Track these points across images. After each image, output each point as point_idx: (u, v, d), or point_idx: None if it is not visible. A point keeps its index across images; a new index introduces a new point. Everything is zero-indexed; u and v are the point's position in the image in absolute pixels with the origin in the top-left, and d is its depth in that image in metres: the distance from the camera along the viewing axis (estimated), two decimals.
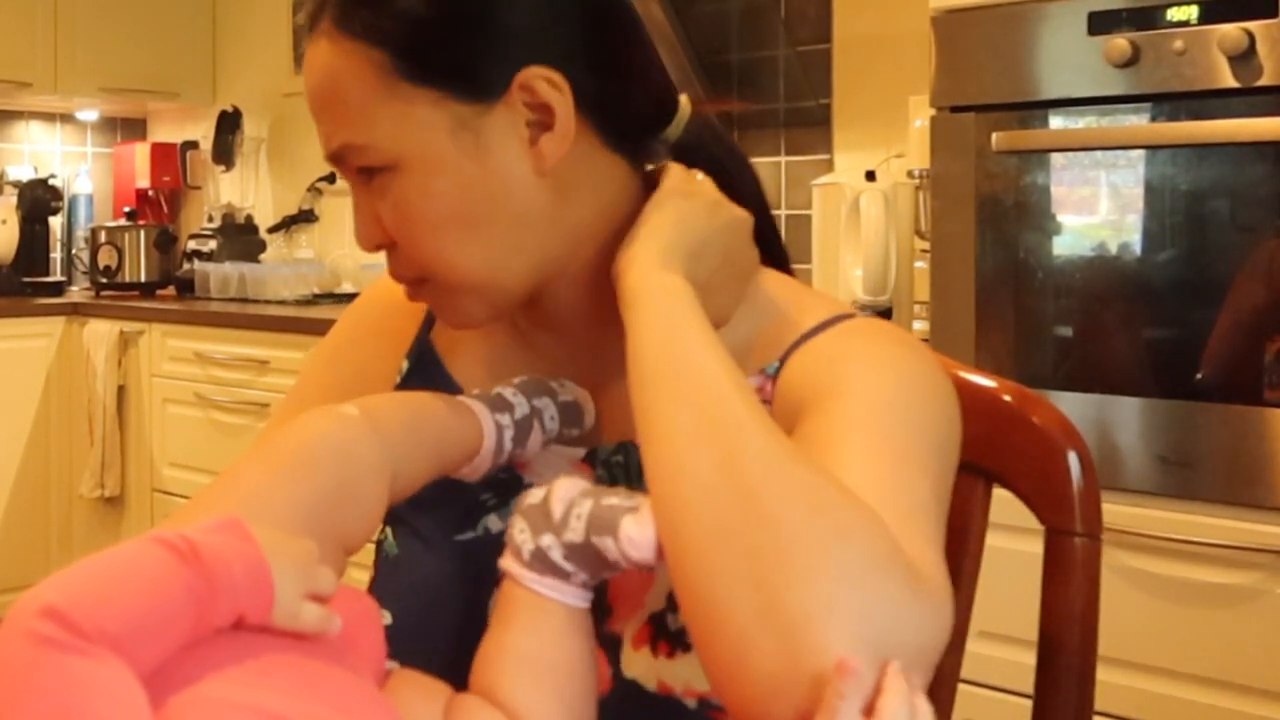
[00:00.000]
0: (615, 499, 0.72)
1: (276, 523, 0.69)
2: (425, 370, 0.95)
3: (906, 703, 0.60)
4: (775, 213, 3.31)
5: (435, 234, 0.82)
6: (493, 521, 0.88)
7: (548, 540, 0.72)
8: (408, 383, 0.95)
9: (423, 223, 0.82)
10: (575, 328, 0.90)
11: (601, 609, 0.82)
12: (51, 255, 4.21)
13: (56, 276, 4.19)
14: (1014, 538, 1.28)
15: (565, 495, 0.73)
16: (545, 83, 0.81)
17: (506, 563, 0.74)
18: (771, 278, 0.91)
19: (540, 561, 0.72)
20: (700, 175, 0.86)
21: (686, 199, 0.83)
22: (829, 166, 2.95)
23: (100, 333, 3.68)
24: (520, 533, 0.74)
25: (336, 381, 0.98)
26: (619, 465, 0.88)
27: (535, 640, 0.72)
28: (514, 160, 0.82)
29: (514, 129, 0.81)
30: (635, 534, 0.70)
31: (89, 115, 4.41)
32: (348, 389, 0.94)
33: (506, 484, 0.88)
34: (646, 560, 0.70)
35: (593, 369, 0.90)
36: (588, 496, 0.73)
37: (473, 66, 0.81)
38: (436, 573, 0.88)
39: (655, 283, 0.77)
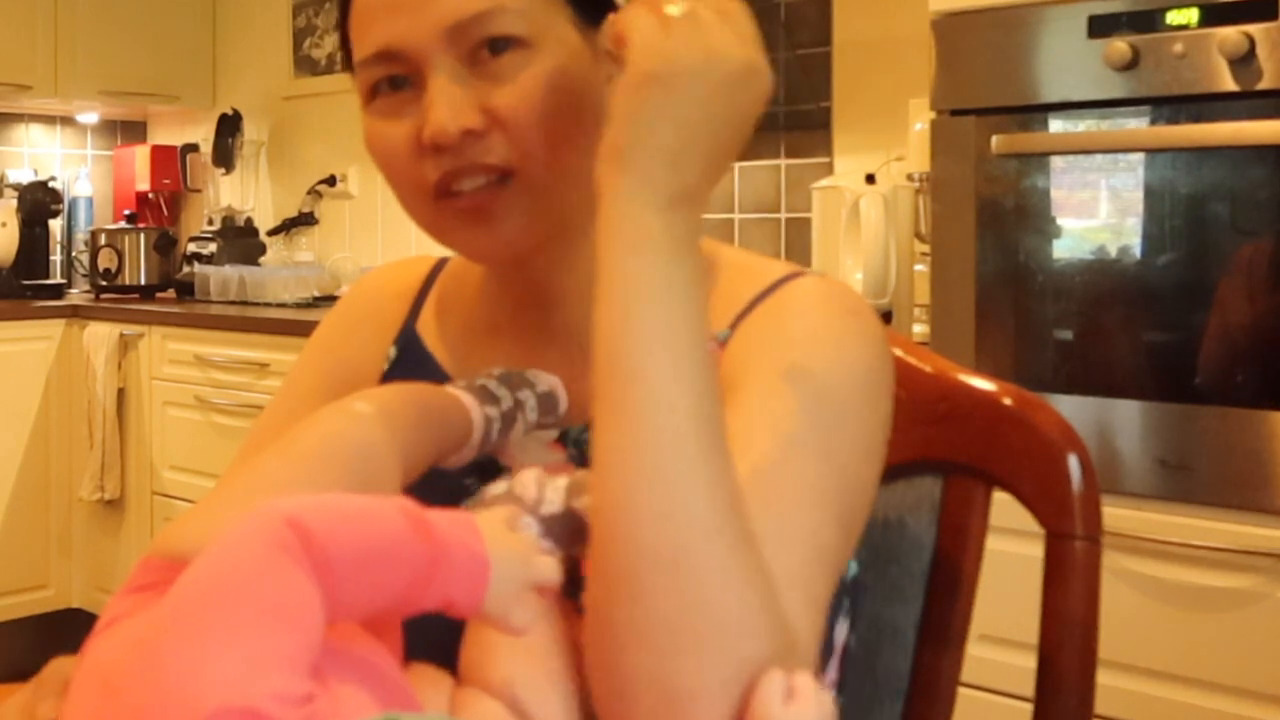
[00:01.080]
0: (581, 472, 0.74)
1: None
2: (413, 357, 0.97)
3: (816, 685, 0.65)
4: (775, 216, 3.32)
5: (549, 122, 0.83)
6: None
7: (525, 520, 0.73)
8: (395, 369, 0.97)
9: (543, 107, 0.82)
10: (552, 305, 0.92)
11: (576, 584, 0.82)
12: (51, 258, 4.21)
13: (56, 279, 4.19)
14: (1014, 541, 1.28)
15: (534, 476, 0.75)
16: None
17: None
18: (724, 248, 0.93)
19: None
20: None
21: (662, 85, 0.71)
22: (829, 170, 2.95)
23: (100, 335, 3.68)
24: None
25: (327, 372, 1.00)
26: (590, 443, 0.88)
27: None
28: (602, 80, 0.83)
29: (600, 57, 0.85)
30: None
31: (89, 118, 4.41)
32: (338, 379, 0.98)
33: (484, 466, 0.89)
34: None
35: (568, 348, 0.91)
36: (557, 472, 0.75)
37: None
38: None
39: (624, 236, 0.71)
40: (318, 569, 0.58)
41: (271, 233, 4.17)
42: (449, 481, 0.88)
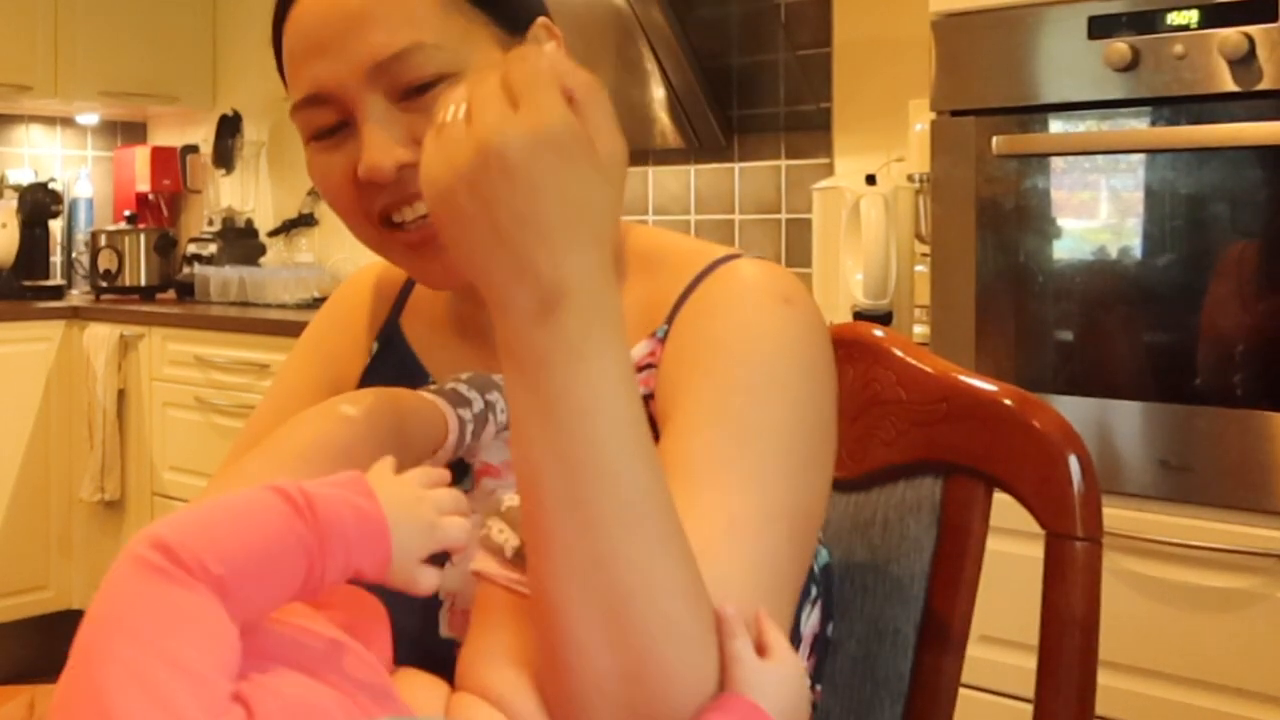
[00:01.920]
0: None
1: None
2: (393, 352, 0.99)
3: (785, 636, 0.67)
4: (776, 217, 3.32)
5: None
6: None
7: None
8: (376, 363, 0.99)
9: None
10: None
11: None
12: (52, 259, 4.21)
13: (56, 280, 4.19)
14: (1014, 542, 1.28)
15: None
16: (546, 31, 0.89)
17: (484, 565, 0.74)
18: (639, 232, 0.93)
19: (523, 558, 0.73)
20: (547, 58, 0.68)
21: (448, 209, 0.65)
22: (829, 171, 2.95)
23: (100, 336, 3.68)
24: (499, 533, 0.74)
25: (315, 370, 1.01)
26: None
27: (522, 639, 0.72)
28: None
29: None
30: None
31: (89, 119, 4.41)
32: (325, 377, 1.00)
33: (455, 466, 0.89)
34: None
35: None
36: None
37: (511, 2, 0.88)
38: None
39: (514, 358, 0.66)
40: (193, 574, 0.58)
41: (272, 233, 4.17)
42: None
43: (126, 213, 4.33)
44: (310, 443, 0.76)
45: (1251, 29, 1.80)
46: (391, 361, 0.98)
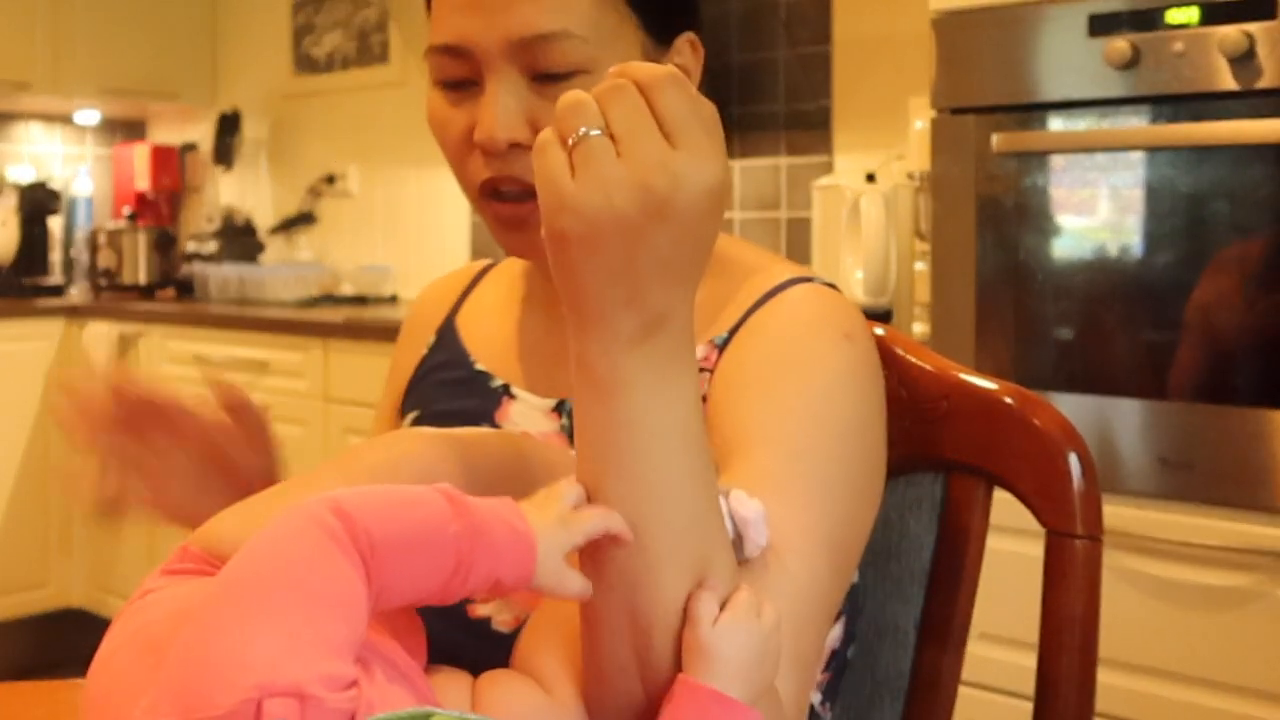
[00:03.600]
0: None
1: None
2: (446, 345, 1.03)
3: (754, 599, 0.66)
4: (776, 214, 3.32)
5: None
6: None
7: None
8: (433, 355, 1.03)
9: None
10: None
11: None
12: (51, 257, 4.21)
13: (56, 278, 4.19)
14: (1014, 540, 1.28)
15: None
16: (691, 47, 0.89)
17: None
18: (730, 243, 0.94)
19: None
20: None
21: (580, 245, 0.62)
22: (829, 168, 2.95)
23: (100, 334, 3.68)
24: None
25: (390, 382, 1.07)
26: None
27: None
28: None
29: None
30: (745, 510, 0.70)
31: (89, 116, 4.41)
32: (396, 386, 1.06)
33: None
34: (759, 531, 0.70)
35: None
36: (549, 440, 0.76)
37: (666, 10, 0.88)
38: None
39: (592, 382, 0.65)
40: (364, 557, 0.59)
41: (271, 231, 4.17)
42: None
43: (126, 210, 4.33)
44: (389, 460, 0.74)
45: (1251, 27, 1.80)
46: (444, 353, 1.02)
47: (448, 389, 0.99)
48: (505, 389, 0.96)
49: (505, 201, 0.87)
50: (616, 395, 0.64)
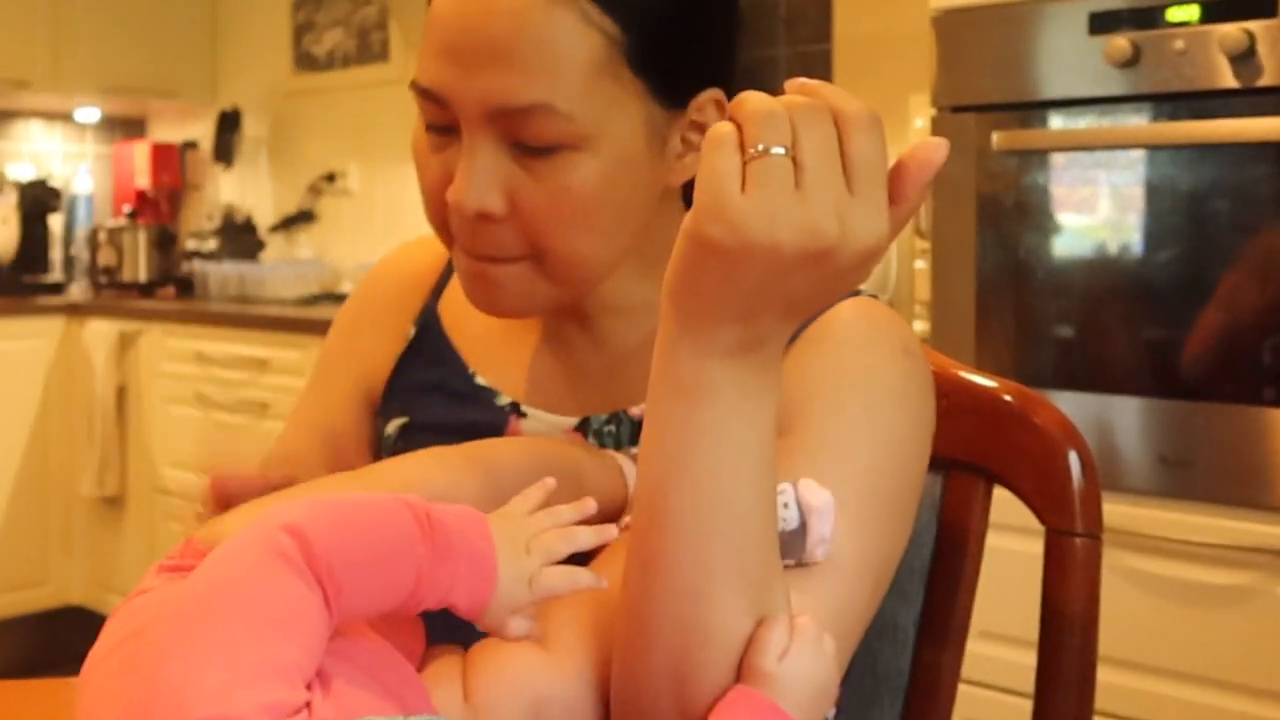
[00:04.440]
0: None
1: None
2: (430, 340, 0.97)
3: (818, 631, 0.65)
4: None
5: (586, 221, 0.78)
6: None
7: None
8: (413, 348, 0.97)
9: (583, 209, 0.78)
10: (588, 317, 0.90)
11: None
12: (51, 255, 4.21)
13: (56, 276, 4.19)
14: (1014, 538, 1.28)
15: None
16: (716, 107, 0.81)
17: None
18: None
19: None
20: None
21: (726, 258, 0.59)
22: None
23: (100, 332, 3.67)
24: None
25: (349, 367, 1.00)
26: (610, 434, 0.88)
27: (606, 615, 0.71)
28: (662, 171, 0.82)
29: (674, 143, 0.81)
30: (814, 499, 0.70)
31: (89, 114, 4.41)
32: (360, 373, 0.99)
33: None
34: (825, 522, 0.69)
35: (602, 350, 0.90)
36: None
37: (678, 72, 0.80)
38: None
39: (674, 382, 0.63)
40: (318, 575, 0.58)
41: (272, 229, 4.16)
42: None
43: (126, 208, 4.33)
44: (407, 485, 0.72)
45: (1252, 25, 1.80)
46: (428, 349, 0.96)
47: (444, 400, 0.94)
48: (515, 407, 0.91)
49: (476, 259, 0.81)
50: (700, 400, 0.62)
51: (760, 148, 0.58)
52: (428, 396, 0.95)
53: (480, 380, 0.94)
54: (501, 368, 0.94)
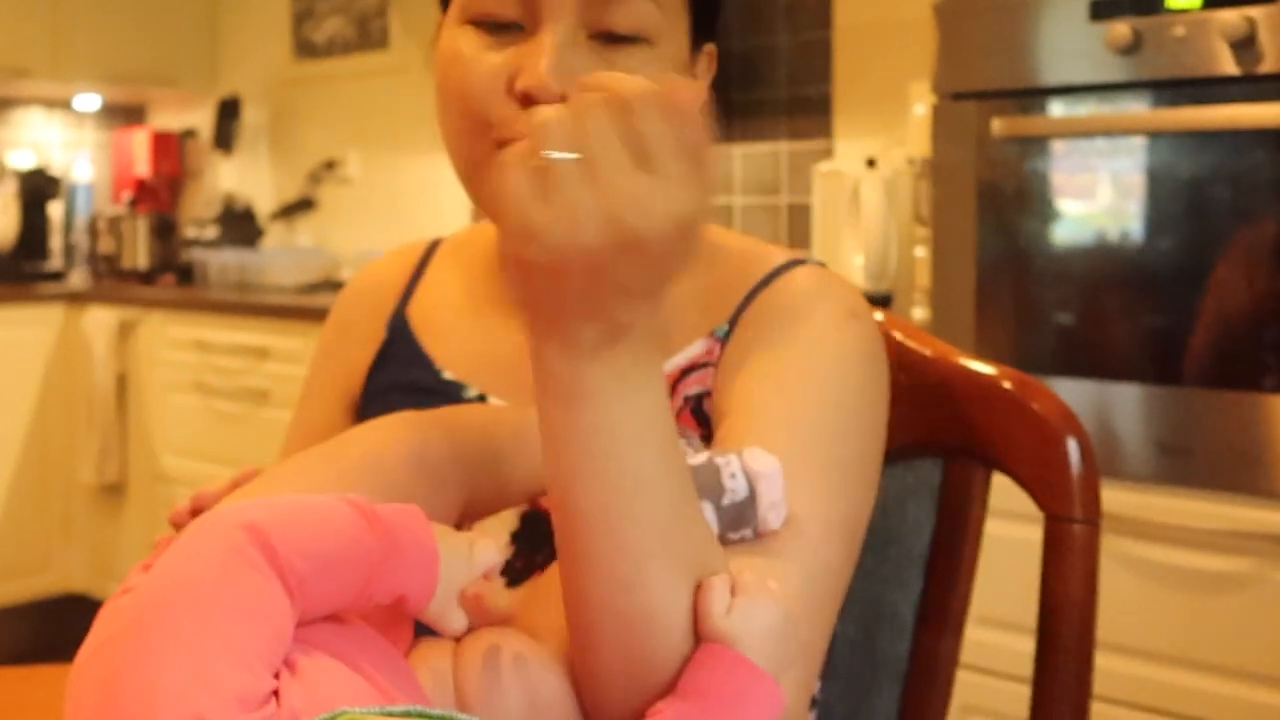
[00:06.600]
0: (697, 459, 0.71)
1: None
2: (401, 342, 0.98)
3: (759, 579, 0.65)
4: (776, 200, 3.31)
5: None
6: None
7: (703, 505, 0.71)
8: (385, 353, 0.99)
9: None
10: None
11: None
12: (51, 243, 4.21)
13: (56, 264, 4.19)
14: (1013, 524, 1.28)
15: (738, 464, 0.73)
16: (709, 60, 0.87)
17: None
18: (715, 232, 0.93)
19: None
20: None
21: (542, 272, 0.60)
22: (830, 154, 2.94)
23: (100, 320, 3.68)
24: None
25: (330, 376, 1.02)
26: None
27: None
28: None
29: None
30: (760, 465, 0.70)
31: (89, 102, 4.40)
32: (340, 382, 1.01)
33: None
34: (773, 486, 0.69)
35: None
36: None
37: (704, 15, 0.84)
38: None
39: (553, 391, 0.64)
40: (279, 569, 0.58)
41: (272, 217, 4.16)
42: None
43: (126, 196, 4.33)
44: (376, 447, 0.73)
45: (1253, 11, 1.79)
46: (399, 352, 0.98)
47: (415, 398, 0.94)
48: (481, 399, 0.93)
49: None
50: (584, 403, 0.63)
51: (547, 156, 0.58)
52: (401, 396, 0.96)
53: (447, 375, 0.95)
54: (467, 362, 0.95)
